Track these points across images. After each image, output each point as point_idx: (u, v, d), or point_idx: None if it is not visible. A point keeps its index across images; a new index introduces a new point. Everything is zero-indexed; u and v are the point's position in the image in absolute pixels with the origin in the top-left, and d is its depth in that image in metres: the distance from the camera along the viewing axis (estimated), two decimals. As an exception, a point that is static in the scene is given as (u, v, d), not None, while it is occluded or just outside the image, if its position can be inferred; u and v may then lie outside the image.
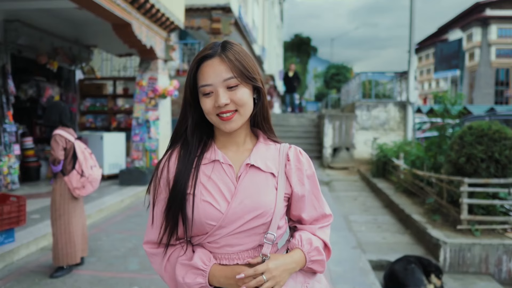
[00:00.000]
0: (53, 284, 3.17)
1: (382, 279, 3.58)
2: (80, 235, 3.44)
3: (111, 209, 5.64)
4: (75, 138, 3.48)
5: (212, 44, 1.01)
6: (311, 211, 1.09)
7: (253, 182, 1.00)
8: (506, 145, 4.14)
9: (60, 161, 3.35)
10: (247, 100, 0.98)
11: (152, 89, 7.50)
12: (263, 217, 0.98)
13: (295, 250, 1.04)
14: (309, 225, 1.10)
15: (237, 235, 0.99)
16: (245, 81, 0.97)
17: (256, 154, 1.04)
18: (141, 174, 7.18)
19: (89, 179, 3.38)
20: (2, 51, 6.13)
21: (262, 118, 1.07)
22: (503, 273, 3.90)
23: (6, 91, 6.20)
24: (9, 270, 3.43)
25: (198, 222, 0.98)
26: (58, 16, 7.12)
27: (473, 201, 4.17)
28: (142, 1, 6.13)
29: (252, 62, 1.00)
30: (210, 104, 0.97)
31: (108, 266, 3.59)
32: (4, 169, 6.16)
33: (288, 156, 1.06)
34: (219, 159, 1.02)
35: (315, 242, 1.05)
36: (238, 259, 1.00)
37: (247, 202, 0.98)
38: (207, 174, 1.01)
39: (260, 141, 1.07)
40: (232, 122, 0.98)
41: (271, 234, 0.99)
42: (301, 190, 1.06)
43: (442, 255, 3.94)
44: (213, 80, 0.95)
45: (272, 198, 1.00)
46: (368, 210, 6.38)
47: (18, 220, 3.75)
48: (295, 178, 1.05)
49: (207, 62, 0.97)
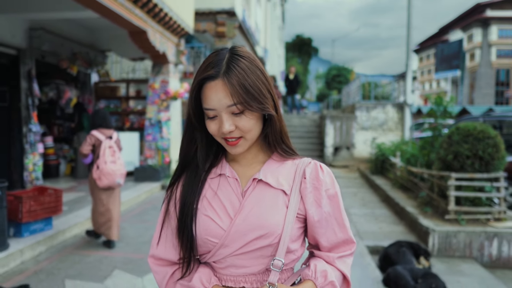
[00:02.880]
0: (92, 263, 3.67)
1: (377, 261, 4.06)
2: (101, 216, 4.09)
3: (129, 203, 6.14)
4: (106, 137, 4.03)
5: (216, 60, 0.89)
6: (331, 236, 0.96)
7: (260, 199, 0.92)
8: (489, 143, 4.61)
9: (84, 154, 4.02)
10: (253, 126, 0.90)
11: (164, 91, 8.00)
12: (268, 238, 0.89)
13: (307, 282, 0.93)
14: (326, 253, 0.97)
15: (241, 256, 0.91)
16: (250, 109, 0.87)
17: (267, 169, 0.95)
18: (154, 171, 7.69)
19: (102, 172, 3.94)
20: (28, 56, 6.62)
21: (274, 141, 0.96)
22: (485, 257, 4.38)
23: (32, 93, 6.69)
24: (51, 252, 3.93)
25: (200, 239, 0.92)
26: (77, 24, 7.63)
27: (459, 194, 4.65)
28: (157, 11, 6.63)
29: (262, 80, 0.90)
30: (215, 128, 0.90)
31: (136, 250, 4.08)
32: (30, 166, 6.66)
33: (305, 173, 0.95)
34: (225, 173, 0.96)
35: (330, 275, 0.93)
36: (245, 282, 0.92)
37: (251, 219, 0.90)
38: (213, 189, 0.95)
39: (273, 156, 0.98)
40: (238, 147, 0.91)
41: (278, 260, 0.89)
42: (317, 213, 0.94)
43: (431, 241, 4.42)
44: (216, 105, 0.87)
45: (280, 218, 0.90)
46: (366, 204, 6.86)
47: (56, 210, 4.26)
48: (311, 199, 0.94)
49: (209, 83, 0.87)
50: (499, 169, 4.73)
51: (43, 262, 3.67)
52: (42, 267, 3.56)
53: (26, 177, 6.56)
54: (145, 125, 8.04)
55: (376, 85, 14.09)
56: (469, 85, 37.39)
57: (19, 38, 6.36)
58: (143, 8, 6.21)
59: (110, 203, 4.09)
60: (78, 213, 5.02)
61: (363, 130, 11.67)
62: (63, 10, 5.83)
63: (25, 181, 6.53)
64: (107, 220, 4.08)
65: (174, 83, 8.35)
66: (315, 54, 48.54)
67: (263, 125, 0.94)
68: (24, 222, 3.89)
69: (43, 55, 7.07)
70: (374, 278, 3.50)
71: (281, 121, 0.96)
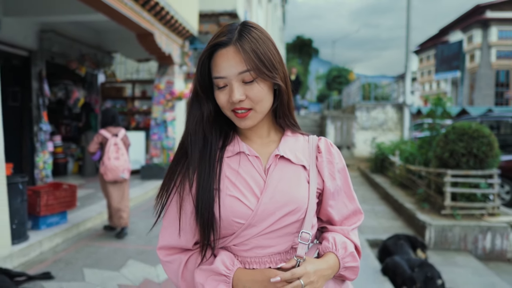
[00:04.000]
0: (107, 253, 3.88)
1: (377, 253, 4.27)
2: (113, 209, 4.36)
3: (138, 199, 6.35)
4: (112, 135, 4.31)
5: (229, 28, 0.88)
6: (342, 208, 0.99)
7: (284, 175, 0.91)
8: (483, 142, 4.83)
9: (92, 153, 4.37)
10: (264, 96, 0.87)
11: (169, 92, 8.23)
12: (296, 213, 0.89)
13: (329, 255, 0.92)
14: (340, 226, 0.99)
15: (268, 235, 0.89)
16: (262, 76, 0.85)
17: (285, 145, 0.95)
18: (160, 170, 7.91)
19: (107, 167, 4.26)
20: (39, 58, 6.84)
21: (283, 114, 0.97)
22: (479, 249, 4.60)
23: (42, 94, 6.92)
24: (67, 244, 4.15)
25: (225, 221, 0.88)
26: (85, 26, 7.85)
27: (454, 190, 4.87)
28: (164, 13, 6.85)
29: (273, 52, 0.89)
30: (224, 98, 0.87)
31: (147, 242, 4.30)
32: (40, 164, 6.88)
33: (319, 148, 0.98)
34: (244, 150, 0.92)
35: (349, 246, 0.95)
36: (270, 262, 0.89)
37: (278, 197, 0.88)
38: (234, 168, 0.91)
39: (287, 132, 0.98)
40: (247, 120, 0.88)
41: (306, 233, 0.89)
42: (332, 185, 0.96)
43: (428, 235, 4.64)
44: (227, 73, 0.85)
45: (304, 192, 0.91)
46: (366, 201, 7.08)
47: (71, 204, 4.48)
48: (327, 172, 0.96)
49: (221, 51, 0.86)
50: (492, 167, 4.94)
51: (61, 253, 3.89)
52: (60, 257, 3.78)
53: (36, 175, 6.78)
54: (151, 125, 8.26)
55: (376, 86, 14.34)
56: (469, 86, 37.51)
57: (31, 40, 6.59)
58: (150, 11, 6.43)
59: (119, 195, 4.40)
60: (90, 208, 5.24)
61: (363, 130, 11.90)
62: (74, 13, 6.06)
63: (36, 179, 6.74)
64: (117, 210, 4.38)
65: (179, 84, 8.58)
66: (316, 55, 48.80)
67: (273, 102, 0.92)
68: (42, 215, 4.11)
69: (52, 57, 7.29)
70: (373, 267, 3.71)
71: (290, 94, 0.95)
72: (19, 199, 3.65)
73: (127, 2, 5.51)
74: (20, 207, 3.66)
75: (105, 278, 3.30)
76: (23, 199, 3.70)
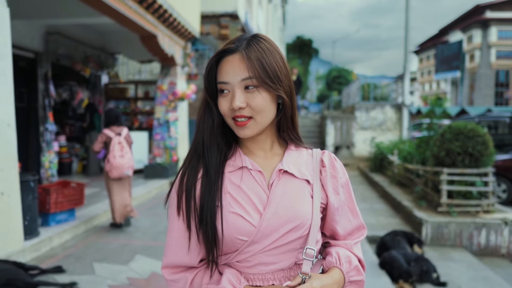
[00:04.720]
0: (115, 249, 4.03)
1: (375, 248, 4.42)
2: (118, 205, 4.56)
3: (141, 198, 6.50)
4: (115, 134, 4.47)
5: (239, 37, 0.90)
6: (346, 223, 0.99)
7: (287, 190, 0.90)
8: (478, 141, 4.98)
9: (96, 151, 4.55)
10: (266, 107, 0.87)
11: (172, 92, 8.37)
12: (300, 229, 0.88)
13: (334, 270, 0.92)
14: (343, 241, 0.99)
15: (271, 252, 0.88)
16: (264, 85, 0.86)
17: (288, 159, 0.94)
18: (163, 169, 8.07)
19: (112, 165, 4.45)
20: (44, 60, 7.00)
21: (287, 128, 0.96)
22: (474, 245, 4.74)
23: (48, 94, 7.07)
24: (76, 240, 4.30)
25: (228, 238, 0.87)
26: (90, 28, 8.01)
27: (450, 188, 5.02)
28: (167, 16, 7.00)
29: (280, 64, 0.89)
30: (226, 105, 0.87)
31: (153, 238, 4.45)
32: (46, 163, 7.03)
33: (323, 162, 0.97)
34: (247, 165, 0.91)
35: (354, 260, 0.95)
36: (274, 279, 0.89)
37: (281, 212, 0.88)
38: (236, 183, 0.90)
39: (291, 146, 0.98)
40: (246, 129, 0.88)
41: (311, 249, 0.89)
42: (336, 201, 0.96)
43: (424, 231, 4.79)
44: (230, 79, 0.86)
45: (308, 207, 0.91)
46: (365, 200, 7.23)
47: (79, 202, 4.63)
48: (331, 187, 0.96)
49: (227, 58, 0.87)
50: (487, 165, 5.09)
51: (71, 249, 4.04)
52: (70, 252, 3.93)
53: (42, 174, 6.93)
54: (154, 125, 8.41)
55: (376, 86, 14.49)
56: (469, 86, 37.62)
57: (37, 43, 6.74)
58: (154, 13, 6.58)
59: (123, 191, 4.60)
60: (97, 206, 5.39)
61: (362, 130, 12.06)
62: (80, 16, 6.21)
63: (42, 178, 6.89)
64: (122, 205, 4.57)
65: (182, 85, 8.72)
66: (316, 55, 49.00)
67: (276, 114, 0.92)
68: (52, 212, 4.26)
69: (58, 58, 7.44)
70: (371, 262, 3.86)
71: (294, 109, 0.95)
72: (31, 197, 3.80)
73: (132, 5, 5.66)
74: (31, 204, 3.81)
75: (114, 271, 3.45)
76: (34, 197, 3.85)
